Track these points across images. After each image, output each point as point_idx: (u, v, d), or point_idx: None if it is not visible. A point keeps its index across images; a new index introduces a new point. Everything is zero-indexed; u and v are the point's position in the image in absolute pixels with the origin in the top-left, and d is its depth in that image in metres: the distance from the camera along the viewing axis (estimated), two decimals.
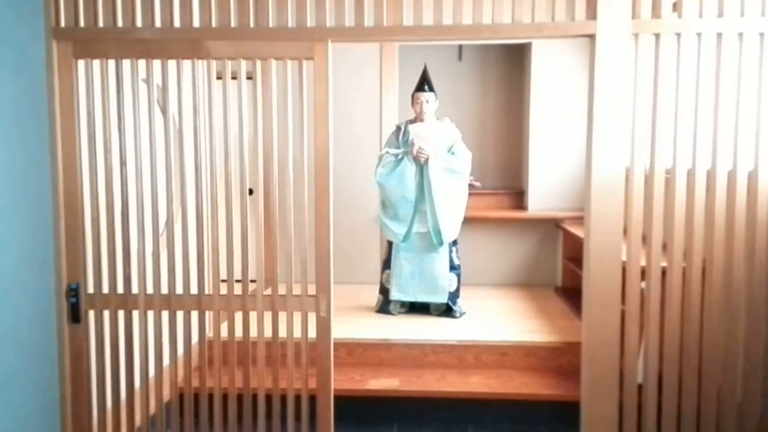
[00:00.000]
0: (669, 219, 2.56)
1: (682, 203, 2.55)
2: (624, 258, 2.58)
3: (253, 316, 2.68)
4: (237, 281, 2.66)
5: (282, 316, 2.68)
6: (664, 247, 2.59)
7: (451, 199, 4.35)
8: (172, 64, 2.60)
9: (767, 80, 2.48)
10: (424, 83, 4.40)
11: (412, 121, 4.47)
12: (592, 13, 2.49)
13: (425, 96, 4.37)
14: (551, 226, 5.50)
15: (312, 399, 2.71)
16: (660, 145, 2.54)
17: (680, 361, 2.62)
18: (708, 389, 2.62)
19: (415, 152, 4.27)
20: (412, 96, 4.44)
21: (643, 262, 2.59)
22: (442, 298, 4.44)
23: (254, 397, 2.73)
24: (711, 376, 2.61)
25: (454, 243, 4.50)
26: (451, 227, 4.35)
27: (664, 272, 2.60)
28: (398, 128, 4.52)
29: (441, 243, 4.36)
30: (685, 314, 2.60)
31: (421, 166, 4.33)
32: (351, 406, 3.45)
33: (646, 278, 2.60)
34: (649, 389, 2.63)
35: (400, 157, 4.37)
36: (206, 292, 2.69)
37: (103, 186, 2.61)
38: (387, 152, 4.42)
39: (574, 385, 3.37)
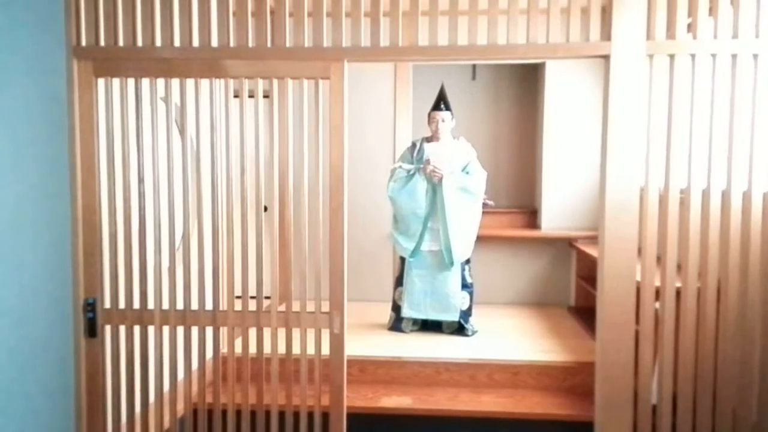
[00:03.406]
0: (683, 239, 2.56)
1: (696, 223, 2.55)
2: (638, 278, 2.58)
3: (267, 332, 2.70)
4: (251, 297, 2.68)
5: (296, 333, 2.70)
6: (679, 267, 2.59)
7: (464, 218, 4.34)
8: (190, 82, 2.64)
9: None
10: (440, 102, 4.40)
11: (428, 140, 4.49)
12: (606, 34, 2.51)
13: (441, 115, 4.38)
14: (564, 245, 5.49)
15: (325, 416, 2.71)
16: (674, 165, 2.54)
17: (695, 381, 2.60)
18: (723, 409, 2.60)
19: (428, 171, 4.28)
20: (429, 115, 4.45)
21: (657, 282, 2.59)
22: (454, 317, 4.43)
23: (267, 413, 2.74)
24: (726, 396, 2.59)
25: (467, 261, 4.49)
26: (462, 247, 4.34)
27: (678, 292, 2.59)
28: (413, 145, 4.53)
29: (452, 263, 4.35)
30: (700, 334, 2.58)
31: (434, 184, 4.34)
32: (363, 423, 3.43)
33: (660, 298, 2.59)
34: (663, 409, 2.62)
35: (412, 172, 4.38)
36: (221, 308, 2.71)
37: (121, 202, 2.65)
38: (400, 166, 4.43)
39: (587, 405, 3.36)
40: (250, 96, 2.62)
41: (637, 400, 2.62)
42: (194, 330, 2.72)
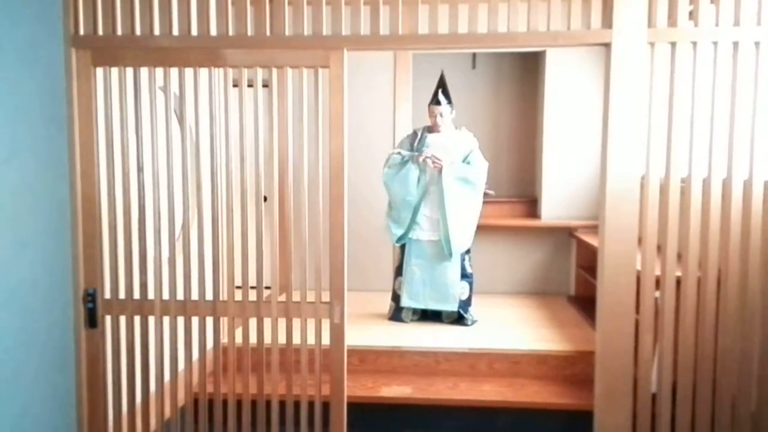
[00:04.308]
0: (684, 228, 2.56)
1: (697, 212, 2.54)
2: (638, 267, 2.57)
3: (267, 322, 2.70)
4: (252, 288, 2.68)
5: (296, 323, 2.69)
6: (679, 256, 2.58)
7: (464, 209, 4.32)
8: (189, 72, 2.62)
9: None
10: (438, 95, 4.36)
11: (429, 130, 4.46)
12: (607, 21, 2.49)
13: (439, 109, 4.34)
14: (564, 234, 5.48)
15: (325, 406, 2.72)
16: (675, 153, 2.53)
17: (694, 370, 2.60)
18: (722, 398, 2.60)
19: (421, 160, 4.27)
20: (428, 107, 4.43)
21: (657, 272, 2.59)
22: (453, 307, 4.42)
23: (268, 403, 2.74)
24: (725, 386, 2.60)
25: (467, 251, 4.48)
26: (462, 238, 4.32)
27: (678, 282, 2.59)
28: (414, 133, 4.51)
29: (452, 254, 4.34)
30: (700, 323, 2.58)
31: (426, 172, 4.34)
32: (364, 413, 3.44)
33: (660, 287, 2.59)
34: (662, 398, 2.62)
35: (405, 159, 4.37)
36: (221, 298, 2.71)
37: (120, 192, 2.64)
38: (398, 152, 4.43)
39: (587, 394, 3.36)
40: (249, 85, 2.60)
41: (637, 389, 2.62)
42: (195, 320, 2.72)
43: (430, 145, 4.34)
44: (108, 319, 2.68)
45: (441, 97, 4.36)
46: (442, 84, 4.37)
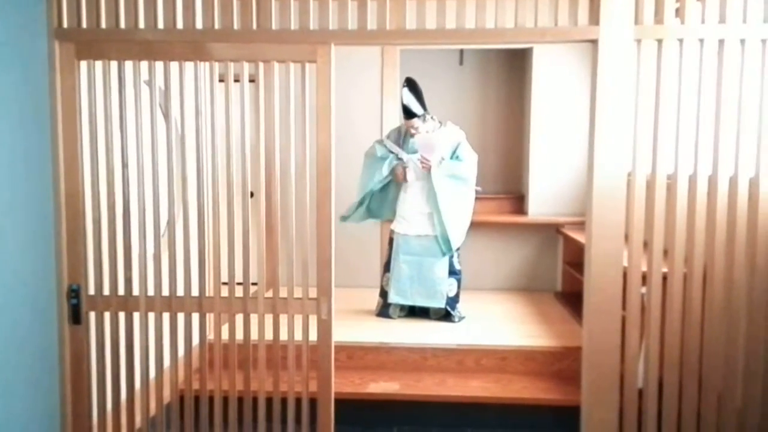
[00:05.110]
0: (670, 225, 2.57)
1: (683, 209, 2.55)
2: (625, 263, 2.58)
3: (254, 318, 2.68)
4: (238, 284, 2.66)
5: (283, 319, 2.68)
6: (666, 252, 2.59)
7: (458, 206, 4.30)
8: (174, 65, 2.60)
9: None
10: (405, 112, 4.27)
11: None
12: (595, 18, 2.49)
13: (411, 122, 4.30)
14: (551, 231, 5.50)
15: (312, 402, 2.71)
16: (662, 150, 2.54)
17: (680, 366, 2.62)
18: (708, 395, 2.62)
19: (400, 179, 4.36)
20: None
21: (644, 268, 2.60)
22: (440, 303, 4.42)
23: (255, 399, 2.73)
24: (711, 382, 2.61)
25: (456, 248, 4.48)
26: (458, 235, 4.32)
27: (664, 278, 2.60)
28: (400, 128, 4.51)
29: (449, 250, 4.33)
30: (686, 320, 2.60)
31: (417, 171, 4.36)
32: (351, 409, 3.44)
33: (646, 284, 2.60)
34: (649, 394, 2.63)
35: (384, 157, 4.39)
36: (207, 294, 2.69)
37: (104, 187, 2.61)
38: (384, 146, 4.45)
39: (574, 390, 3.37)
40: (236, 80, 2.58)
41: (623, 384, 2.63)
42: (180, 316, 2.70)
43: (418, 145, 4.30)
44: (92, 315, 2.65)
45: (410, 109, 4.24)
46: (413, 90, 4.25)
